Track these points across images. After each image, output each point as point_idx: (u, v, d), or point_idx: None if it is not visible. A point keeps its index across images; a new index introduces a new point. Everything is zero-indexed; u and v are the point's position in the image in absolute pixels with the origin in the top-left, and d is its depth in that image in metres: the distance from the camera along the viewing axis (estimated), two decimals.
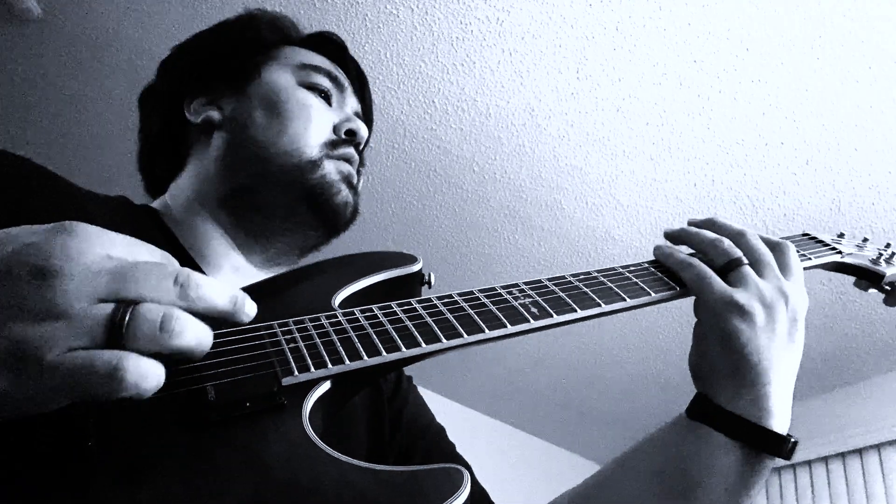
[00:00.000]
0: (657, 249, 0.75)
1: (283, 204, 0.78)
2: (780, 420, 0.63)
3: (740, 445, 0.62)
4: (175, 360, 0.42)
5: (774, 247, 0.72)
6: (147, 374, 0.40)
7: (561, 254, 2.77)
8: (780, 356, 0.64)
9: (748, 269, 0.68)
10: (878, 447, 3.05)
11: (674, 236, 0.76)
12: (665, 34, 1.95)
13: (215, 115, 0.82)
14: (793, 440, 0.62)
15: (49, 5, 1.98)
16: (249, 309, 0.46)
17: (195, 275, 0.44)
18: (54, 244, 0.40)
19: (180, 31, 2.02)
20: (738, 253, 0.69)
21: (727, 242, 0.70)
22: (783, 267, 0.70)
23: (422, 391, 0.91)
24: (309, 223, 0.80)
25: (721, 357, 0.65)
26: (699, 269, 0.68)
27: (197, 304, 0.43)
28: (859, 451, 3.11)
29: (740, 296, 0.65)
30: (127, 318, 0.40)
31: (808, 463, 3.27)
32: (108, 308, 0.40)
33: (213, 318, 0.45)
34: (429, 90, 2.18)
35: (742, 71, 2.02)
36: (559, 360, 3.33)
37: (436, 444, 0.83)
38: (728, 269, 0.68)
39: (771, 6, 1.84)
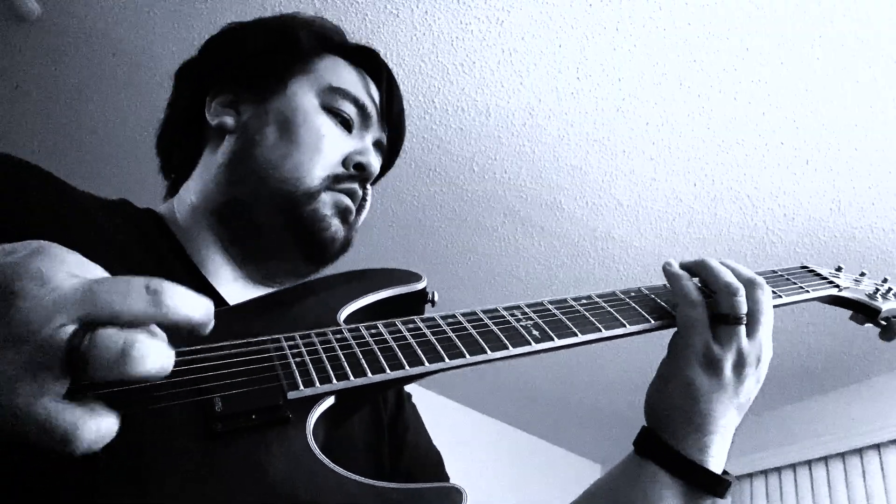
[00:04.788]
0: (668, 266, 0.77)
1: (272, 228, 0.77)
2: (717, 463, 0.69)
3: (682, 483, 0.68)
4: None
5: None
6: (105, 431, 0.39)
7: (561, 254, 2.77)
8: (730, 411, 0.70)
9: (741, 331, 0.70)
10: (878, 447, 3.05)
11: (689, 269, 0.77)
12: (665, 34, 1.95)
13: (230, 120, 0.82)
14: (729, 481, 0.68)
15: (49, 5, 1.98)
16: (213, 323, 0.44)
17: (168, 283, 0.41)
18: (27, 266, 0.40)
19: (180, 31, 2.02)
20: (744, 311, 0.71)
21: (741, 294, 0.71)
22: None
23: (422, 392, 0.92)
24: (295, 252, 0.79)
25: (679, 401, 0.69)
26: (696, 314, 0.70)
27: (171, 314, 0.41)
28: (859, 451, 3.10)
29: (719, 353, 0.69)
30: (85, 345, 0.37)
31: (808, 463, 3.27)
32: (68, 332, 0.38)
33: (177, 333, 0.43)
34: (429, 90, 2.17)
35: (742, 71, 2.02)
36: (559, 360, 3.33)
37: (435, 476, 0.83)
38: (724, 321, 0.70)
39: (771, 6, 1.84)
